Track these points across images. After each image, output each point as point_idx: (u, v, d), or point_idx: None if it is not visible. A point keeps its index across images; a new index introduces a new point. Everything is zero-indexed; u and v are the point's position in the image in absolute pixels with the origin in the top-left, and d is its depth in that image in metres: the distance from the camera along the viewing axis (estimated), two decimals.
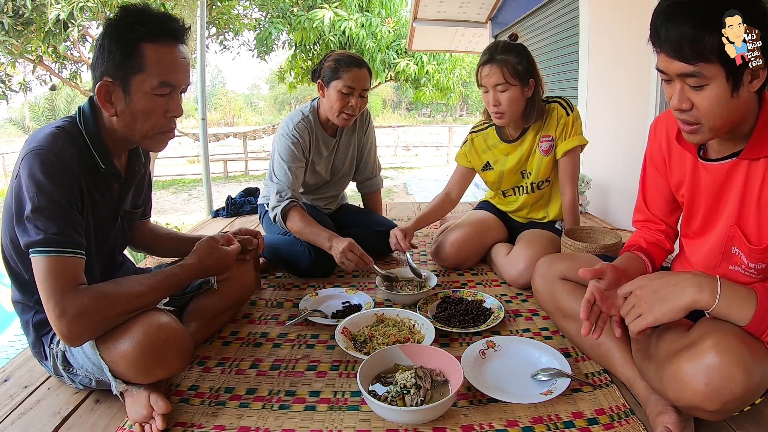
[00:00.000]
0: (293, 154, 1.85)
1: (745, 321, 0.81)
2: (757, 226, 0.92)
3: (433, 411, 0.98)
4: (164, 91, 1.03)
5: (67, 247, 0.94)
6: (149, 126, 1.06)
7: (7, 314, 3.56)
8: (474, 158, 1.94)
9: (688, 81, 0.83)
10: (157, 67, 1.01)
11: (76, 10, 5.32)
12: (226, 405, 1.09)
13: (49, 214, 0.94)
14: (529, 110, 1.73)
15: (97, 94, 1.01)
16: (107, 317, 0.96)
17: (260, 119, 31.86)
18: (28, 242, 0.93)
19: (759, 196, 0.90)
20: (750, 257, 0.95)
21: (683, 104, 0.85)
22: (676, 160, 1.08)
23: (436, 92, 10.02)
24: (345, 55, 1.85)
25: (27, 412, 1.08)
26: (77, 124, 1.06)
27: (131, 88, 1.01)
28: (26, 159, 0.95)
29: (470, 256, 1.94)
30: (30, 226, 0.93)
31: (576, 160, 1.79)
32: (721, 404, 0.79)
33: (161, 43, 1.02)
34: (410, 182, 9.42)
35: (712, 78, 0.80)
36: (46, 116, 12.49)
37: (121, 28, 1.00)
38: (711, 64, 0.79)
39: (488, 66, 1.65)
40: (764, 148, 0.88)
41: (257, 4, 8.41)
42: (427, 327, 1.34)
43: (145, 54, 1.00)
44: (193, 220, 6.49)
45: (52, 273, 0.92)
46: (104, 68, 1.00)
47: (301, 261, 1.83)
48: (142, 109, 1.03)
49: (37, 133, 1.00)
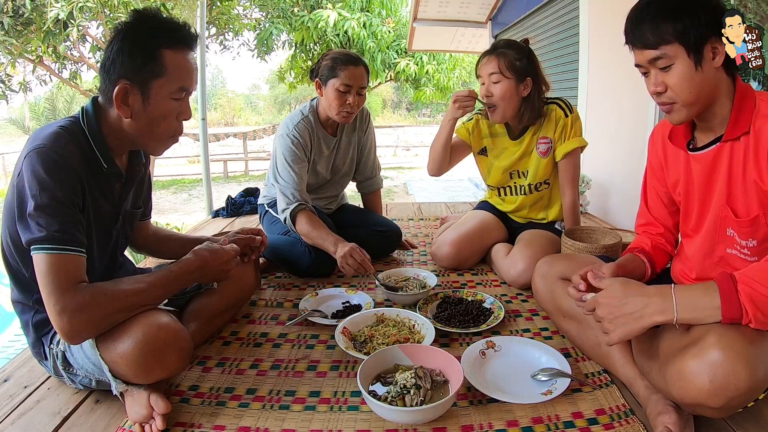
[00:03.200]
0: (295, 154, 1.86)
1: (716, 313, 0.82)
2: (745, 202, 0.97)
3: (433, 411, 0.98)
4: (180, 95, 1.07)
5: (68, 244, 0.95)
6: (164, 129, 1.09)
7: (7, 314, 3.55)
8: (474, 138, 1.93)
9: (658, 64, 0.96)
10: (177, 72, 1.05)
11: (76, 10, 5.33)
12: (226, 405, 1.09)
13: (51, 212, 0.94)
14: (524, 110, 1.73)
15: (115, 97, 1.03)
16: (107, 314, 0.96)
17: (260, 119, 31.85)
18: (30, 239, 0.94)
19: (743, 171, 0.96)
20: (741, 234, 0.98)
21: (658, 87, 0.98)
22: (672, 161, 1.13)
23: (436, 92, 10.02)
24: (342, 53, 1.85)
25: (27, 412, 1.08)
26: (80, 124, 1.07)
27: (150, 91, 1.04)
28: (29, 157, 0.96)
29: (470, 257, 1.94)
30: (32, 223, 0.94)
31: (576, 161, 1.79)
32: (725, 400, 0.79)
33: (178, 48, 1.05)
34: (410, 182, 9.41)
35: (675, 57, 0.94)
36: (46, 116, 12.50)
37: (142, 33, 1.03)
38: (671, 45, 0.93)
39: (487, 57, 1.69)
40: (742, 126, 0.95)
41: (257, 5, 8.41)
42: (427, 327, 1.34)
43: (166, 59, 1.03)
44: (193, 220, 6.49)
45: (52, 270, 0.93)
46: (122, 71, 1.02)
47: (301, 261, 1.83)
48: (160, 112, 1.06)
49: (40, 132, 1.01)
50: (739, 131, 0.96)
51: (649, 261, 1.18)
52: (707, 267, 1.07)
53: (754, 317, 0.80)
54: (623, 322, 0.90)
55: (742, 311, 0.80)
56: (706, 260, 1.07)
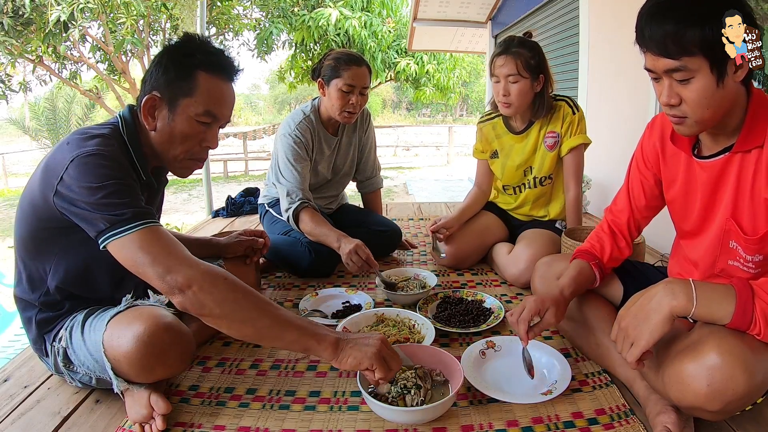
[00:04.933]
0: (297, 153, 1.86)
1: (728, 317, 0.80)
2: (752, 217, 0.92)
3: (433, 411, 0.98)
4: (206, 120, 1.07)
5: (153, 218, 0.94)
6: (183, 150, 1.09)
7: (8, 314, 3.56)
8: (486, 147, 1.97)
9: (675, 76, 0.85)
10: (206, 95, 1.05)
11: (77, 11, 5.33)
12: (226, 405, 1.09)
13: (126, 194, 0.93)
14: (538, 104, 1.77)
15: (143, 106, 1.04)
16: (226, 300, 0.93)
17: (260, 119, 31.87)
18: (110, 223, 0.91)
19: (752, 187, 0.90)
20: (747, 249, 0.94)
21: (672, 99, 0.88)
22: (670, 159, 1.09)
23: (436, 92, 10.03)
24: (344, 53, 1.85)
25: (27, 412, 1.08)
26: (120, 132, 1.06)
27: (177, 109, 1.05)
28: (77, 160, 0.93)
29: (470, 256, 1.94)
30: (106, 212, 0.91)
31: (580, 157, 1.81)
32: (723, 405, 0.79)
33: (215, 75, 1.06)
34: (410, 182, 9.41)
35: (697, 70, 0.83)
36: (45, 116, 12.50)
37: (182, 51, 1.05)
38: (694, 57, 0.82)
39: (503, 57, 1.70)
40: (755, 138, 0.89)
41: (257, 5, 8.41)
42: (427, 327, 1.34)
43: (198, 81, 1.04)
44: (193, 220, 6.49)
45: (155, 240, 0.92)
46: (155, 83, 1.04)
47: (302, 261, 1.83)
48: (181, 131, 1.06)
49: (81, 140, 0.98)
50: (751, 144, 0.89)
51: (598, 265, 1.18)
52: (707, 276, 1.05)
53: (764, 332, 0.78)
54: (644, 317, 0.85)
55: (752, 323, 0.79)
56: (707, 270, 1.04)
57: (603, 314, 1.18)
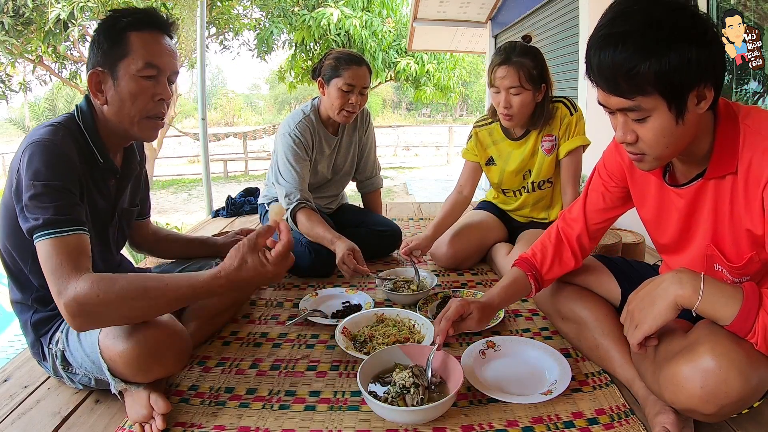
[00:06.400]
0: (297, 153, 1.86)
1: (729, 319, 0.78)
2: (734, 243, 0.91)
3: (433, 411, 0.98)
4: (150, 73, 1.07)
5: (65, 225, 0.93)
6: (137, 109, 1.08)
7: (7, 314, 3.55)
8: (480, 152, 1.93)
9: (630, 115, 0.80)
10: (142, 50, 1.06)
11: (77, 10, 5.33)
12: (226, 405, 1.09)
13: (46, 199, 0.93)
14: (538, 114, 1.74)
15: (88, 84, 1.06)
16: (110, 303, 0.89)
17: (260, 119, 31.86)
18: (29, 228, 0.93)
19: (730, 213, 0.88)
20: (732, 273, 0.94)
21: (627, 137, 0.83)
22: (639, 178, 1.07)
23: (437, 92, 10.02)
24: (345, 53, 1.85)
25: (27, 412, 1.08)
26: (75, 120, 1.09)
27: (119, 73, 1.06)
28: (26, 151, 0.96)
29: (470, 256, 1.94)
30: (29, 213, 0.93)
31: (578, 160, 1.79)
32: (717, 408, 0.78)
33: (146, 31, 1.07)
34: (410, 182, 9.42)
35: (653, 109, 0.77)
36: (46, 116, 12.51)
37: (109, 23, 1.07)
38: (649, 96, 0.76)
39: (504, 67, 1.63)
40: (726, 165, 0.85)
41: (257, 4, 8.41)
42: (427, 327, 1.34)
43: (131, 40, 1.05)
44: (193, 219, 6.49)
45: (52, 254, 0.91)
46: (94, 60, 1.07)
47: (301, 261, 1.83)
48: (129, 91, 1.06)
49: (36, 129, 1.03)
50: (723, 171, 0.86)
51: (535, 278, 1.17)
52: None
53: (761, 344, 0.77)
54: (650, 301, 0.84)
55: (751, 331, 0.77)
56: None
57: (601, 315, 1.18)
